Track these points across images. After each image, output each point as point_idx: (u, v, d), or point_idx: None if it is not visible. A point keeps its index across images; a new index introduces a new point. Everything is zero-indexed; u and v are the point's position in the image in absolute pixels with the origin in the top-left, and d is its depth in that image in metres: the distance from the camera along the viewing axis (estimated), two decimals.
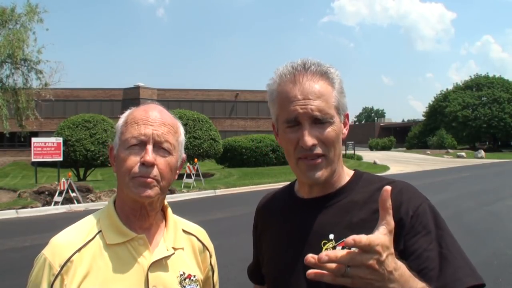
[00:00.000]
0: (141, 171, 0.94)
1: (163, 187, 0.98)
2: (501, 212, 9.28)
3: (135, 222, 1.00)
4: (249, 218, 1.13)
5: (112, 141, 1.09)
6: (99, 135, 17.50)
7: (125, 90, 39.07)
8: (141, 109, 1.01)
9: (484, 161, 30.12)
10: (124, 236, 0.98)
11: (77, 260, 0.93)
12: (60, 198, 11.02)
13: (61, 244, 0.95)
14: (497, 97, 45.28)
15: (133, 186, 0.94)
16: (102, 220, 1.01)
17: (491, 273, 4.96)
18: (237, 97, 41.13)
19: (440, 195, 12.26)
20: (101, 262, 0.94)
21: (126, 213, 1.00)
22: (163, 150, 0.97)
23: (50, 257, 0.94)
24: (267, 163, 22.15)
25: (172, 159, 0.99)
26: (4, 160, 32.25)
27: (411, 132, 52.26)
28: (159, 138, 0.96)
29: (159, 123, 0.98)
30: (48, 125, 32.95)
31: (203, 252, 1.12)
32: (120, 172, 0.98)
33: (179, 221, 1.11)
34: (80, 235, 0.98)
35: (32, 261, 1.01)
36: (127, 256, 0.96)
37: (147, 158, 0.93)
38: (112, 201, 1.04)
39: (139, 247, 0.98)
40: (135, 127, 0.97)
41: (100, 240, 0.97)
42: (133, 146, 0.96)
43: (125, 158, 0.95)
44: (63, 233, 1.00)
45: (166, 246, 1.02)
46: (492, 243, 6.57)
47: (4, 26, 16.32)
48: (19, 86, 17.08)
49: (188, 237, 1.10)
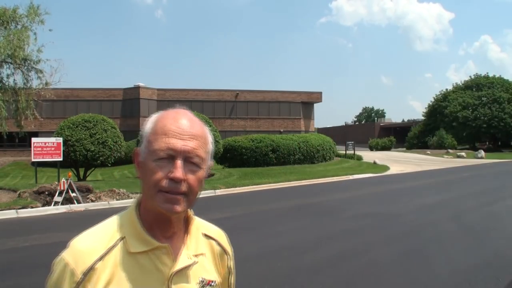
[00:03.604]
0: (170, 186, 0.91)
1: (191, 201, 0.95)
2: (501, 212, 9.28)
3: (158, 231, 0.98)
4: (249, 218, 1.13)
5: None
6: (99, 135, 17.49)
7: (125, 90, 39.06)
8: (170, 117, 0.96)
9: (484, 161, 30.12)
10: (147, 245, 0.95)
11: (100, 268, 0.91)
12: (60, 198, 11.02)
13: (84, 251, 0.92)
14: (497, 97, 45.25)
15: (160, 200, 0.91)
16: (125, 226, 0.98)
17: (491, 273, 4.96)
18: (237, 97, 41.13)
19: (440, 195, 12.26)
20: (123, 270, 0.92)
21: (150, 222, 0.98)
22: (192, 165, 0.93)
23: (72, 263, 0.91)
24: (267, 163, 22.15)
25: (202, 172, 0.96)
26: (4, 160, 32.25)
27: (411, 132, 52.23)
28: (189, 154, 0.92)
29: (190, 137, 0.93)
30: (48, 125, 32.98)
31: (222, 256, 1.11)
32: (146, 182, 0.94)
33: (200, 225, 1.09)
34: (102, 241, 0.95)
35: (32, 261, 1.01)
36: (149, 265, 0.95)
37: (176, 174, 0.90)
38: (135, 206, 1.01)
39: (162, 256, 0.96)
40: (164, 139, 0.92)
41: (122, 247, 0.95)
42: (162, 159, 0.92)
43: (153, 171, 0.92)
44: (85, 238, 0.96)
45: (188, 255, 1.00)
46: (492, 243, 6.57)
47: (5, 26, 16.32)
48: (19, 86, 17.07)
49: (209, 241, 1.09)
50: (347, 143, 32.53)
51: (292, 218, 8.95)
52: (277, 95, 42.48)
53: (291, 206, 10.26)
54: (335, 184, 16.62)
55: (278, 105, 42.05)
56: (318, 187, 15.64)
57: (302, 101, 42.98)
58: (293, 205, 10.47)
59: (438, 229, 7.63)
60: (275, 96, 42.34)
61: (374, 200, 11.68)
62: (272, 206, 11.03)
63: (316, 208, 10.36)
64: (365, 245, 6.50)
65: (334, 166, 23.33)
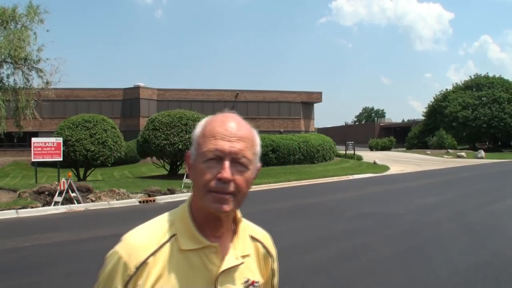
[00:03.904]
0: (218, 186, 0.94)
1: (239, 201, 0.98)
2: (501, 212, 9.28)
3: (208, 230, 1.01)
4: (248, 218, 1.13)
5: (186, 147, 1.10)
6: (99, 135, 17.48)
7: (125, 90, 39.05)
8: (218, 121, 1.00)
9: (484, 161, 30.13)
10: (198, 243, 0.99)
11: (151, 263, 0.95)
12: (60, 198, 11.02)
13: (137, 246, 0.96)
14: (497, 97, 45.22)
15: (209, 200, 0.95)
16: (177, 223, 1.02)
17: (492, 273, 4.96)
18: (237, 97, 41.14)
19: (440, 195, 12.26)
20: (173, 266, 0.96)
21: (200, 221, 1.01)
22: (240, 165, 0.96)
23: (125, 257, 0.95)
24: (267, 163, 22.15)
25: (249, 173, 0.99)
26: (4, 160, 32.25)
27: (411, 132, 52.21)
28: (237, 155, 0.96)
29: (237, 139, 0.97)
30: (48, 125, 32.99)
31: (266, 258, 1.14)
32: (196, 183, 0.98)
33: (247, 227, 1.12)
34: (155, 237, 0.98)
35: (32, 261, 1.01)
36: (198, 263, 0.98)
37: (224, 175, 0.93)
38: (187, 205, 1.04)
39: (211, 254, 0.99)
40: (212, 141, 0.96)
41: (174, 244, 0.98)
42: (210, 160, 0.95)
43: (202, 172, 0.96)
44: (138, 233, 0.99)
45: (235, 255, 1.03)
46: (492, 243, 6.57)
47: (5, 26, 16.30)
48: (20, 86, 17.05)
49: (255, 243, 1.12)
50: (347, 143, 32.53)
51: (292, 218, 8.95)
52: (277, 95, 42.49)
53: (291, 206, 10.26)
54: (335, 184, 16.62)
55: (278, 105, 42.06)
56: (318, 187, 15.64)
57: (302, 101, 42.98)
58: (293, 205, 10.47)
59: (438, 229, 7.63)
60: (275, 96, 42.35)
61: (374, 200, 11.68)
62: (272, 206, 11.02)
63: (316, 208, 10.36)
64: (365, 245, 6.50)
65: (334, 166, 23.33)
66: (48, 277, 5.11)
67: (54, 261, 5.81)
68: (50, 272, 5.32)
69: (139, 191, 13.26)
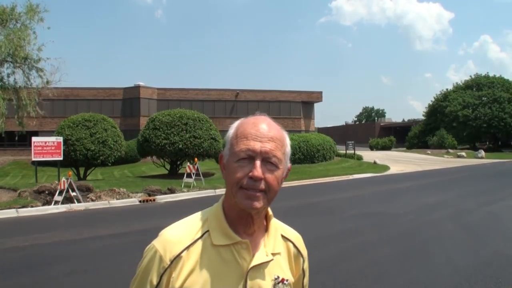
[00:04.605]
0: (249, 184, 1.00)
1: (270, 199, 1.04)
2: (501, 212, 9.28)
3: (240, 227, 1.06)
4: None
5: (220, 148, 1.13)
6: (100, 135, 17.48)
7: (125, 89, 39.04)
8: (250, 122, 1.06)
9: (484, 161, 30.13)
10: (230, 239, 1.04)
11: (185, 256, 1.01)
12: (60, 197, 11.02)
13: (172, 240, 1.03)
14: (497, 97, 45.19)
15: (241, 197, 1.01)
16: (210, 220, 1.08)
17: (491, 273, 4.96)
18: (237, 97, 41.13)
19: (440, 195, 12.26)
20: (206, 260, 1.02)
21: (233, 218, 1.07)
22: (270, 164, 1.02)
23: (161, 250, 1.01)
24: None
25: (279, 172, 1.04)
26: (4, 159, 32.26)
27: (411, 132, 52.17)
28: (267, 154, 1.01)
29: (268, 139, 1.03)
30: (48, 124, 33.00)
31: (297, 258, 1.18)
32: (229, 181, 1.04)
33: (279, 226, 1.17)
34: (189, 232, 1.05)
35: (32, 260, 1.02)
36: (230, 258, 1.03)
37: (255, 173, 0.99)
38: (221, 203, 1.10)
39: (242, 250, 1.04)
40: (244, 141, 1.02)
41: (207, 239, 1.04)
42: (243, 159, 1.01)
43: (235, 170, 1.01)
44: (174, 229, 1.06)
45: (266, 252, 1.08)
46: (492, 243, 6.57)
47: (4, 25, 16.29)
48: (20, 85, 17.05)
49: (286, 242, 1.16)
50: (347, 142, 32.52)
51: (292, 218, 8.94)
52: (277, 94, 42.49)
53: (291, 205, 10.26)
54: (335, 184, 16.62)
55: (278, 105, 42.05)
56: (318, 186, 15.64)
57: (302, 101, 42.98)
58: (293, 204, 10.47)
59: (438, 228, 7.63)
60: (275, 96, 42.35)
61: (374, 200, 11.68)
62: (272, 205, 11.00)
63: (316, 207, 10.36)
64: (365, 245, 6.50)
65: (334, 166, 23.33)
66: (48, 276, 5.11)
67: (54, 260, 5.81)
68: (50, 271, 5.32)
69: (139, 190, 13.26)
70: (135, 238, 7.02)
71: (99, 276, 5.14)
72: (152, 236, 1.07)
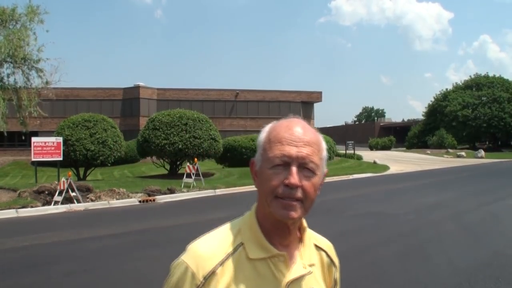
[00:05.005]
0: (285, 192, 0.92)
1: (307, 208, 0.96)
2: (501, 212, 9.28)
3: (276, 238, 0.99)
4: None
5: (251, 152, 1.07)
6: (99, 135, 17.48)
7: (125, 89, 39.05)
8: (283, 126, 0.99)
9: (484, 161, 30.14)
10: (266, 252, 0.97)
11: (220, 273, 0.93)
12: (60, 197, 11.02)
13: (204, 255, 0.94)
14: (497, 96, 45.24)
15: (276, 207, 0.93)
16: (243, 231, 1.00)
17: (491, 273, 4.96)
18: (237, 97, 41.14)
19: (439, 195, 12.27)
20: (242, 276, 0.94)
21: (267, 229, 0.99)
22: (307, 171, 0.94)
23: (193, 266, 0.93)
24: None
25: (316, 178, 0.96)
26: (4, 159, 32.26)
27: (411, 132, 52.22)
28: (304, 160, 0.94)
29: (304, 143, 0.95)
30: (48, 125, 32.97)
31: (330, 267, 1.12)
32: (263, 189, 0.96)
33: (311, 236, 1.10)
34: (222, 246, 0.96)
35: (32, 261, 1.01)
36: (267, 272, 0.96)
37: (292, 180, 0.91)
38: (253, 213, 1.03)
39: (279, 263, 0.97)
40: (278, 146, 0.95)
41: (241, 253, 0.96)
42: (277, 166, 0.94)
43: (269, 178, 0.94)
44: (204, 243, 0.97)
45: (302, 264, 1.01)
46: (492, 243, 6.57)
47: (4, 26, 16.29)
48: (20, 85, 17.04)
49: (319, 252, 1.10)
50: (347, 142, 32.54)
51: None
52: (277, 94, 42.51)
53: None
54: (335, 184, 16.62)
55: (278, 105, 42.06)
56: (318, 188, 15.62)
57: (302, 101, 43.00)
58: None
59: (438, 228, 7.63)
60: (275, 96, 42.37)
61: (374, 200, 11.68)
62: None
63: (316, 207, 10.28)
64: (365, 245, 6.50)
65: (334, 166, 23.34)
66: (48, 277, 5.11)
67: (54, 261, 5.81)
68: (50, 271, 5.32)
69: (139, 190, 13.26)
70: (134, 238, 7.02)
71: (98, 276, 5.14)
72: (152, 236, 1.07)
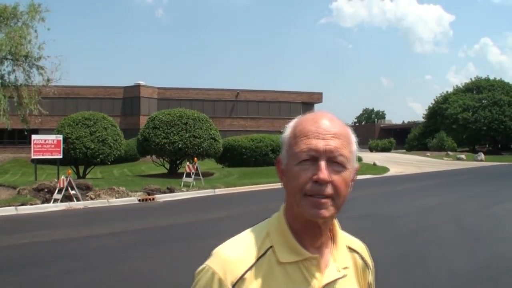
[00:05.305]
0: (314, 189, 0.86)
1: (339, 205, 0.90)
2: (500, 215, 9.28)
3: (307, 240, 0.94)
4: (248, 218, 1.13)
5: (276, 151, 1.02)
6: (99, 133, 17.49)
7: (125, 88, 39.06)
8: (309, 119, 0.93)
9: (483, 164, 30.12)
10: (298, 255, 0.91)
11: (249, 278, 0.87)
12: (59, 195, 11.02)
13: (232, 260, 0.89)
14: (498, 99, 45.23)
15: (306, 205, 0.87)
16: (272, 234, 0.94)
17: (490, 276, 4.96)
18: (237, 97, 41.14)
19: (439, 197, 12.26)
20: (272, 281, 0.89)
21: (297, 230, 0.94)
22: (337, 165, 0.88)
23: (220, 272, 0.87)
24: (267, 163, 22.13)
25: (347, 173, 0.90)
26: (4, 157, 32.26)
27: (411, 134, 52.21)
28: (332, 153, 0.87)
29: (331, 136, 0.89)
30: (48, 123, 32.94)
31: (364, 270, 1.08)
32: (290, 188, 0.91)
33: (344, 237, 1.05)
34: (250, 250, 0.91)
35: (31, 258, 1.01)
36: (298, 276, 0.90)
37: (321, 175, 0.85)
38: (282, 214, 0.97)
39: (311, 267, 0.91)
40: (304, 140, 0.89)
41: (271, 257, 0.91)
42: (304, 161, 0.88)
43: (296, 175, 0.88)
44: (231, 247, 0.92)
45: (337, 267, 0.96)
46: (491, 246, 6.56)
47: (5, 23, 16.30)
48: (21, 83, 17.05)
49: (352, 254, 1.05)
50: None
51: None
52: (277, 95, 42.50)
53: None
54: None
55: (278, 105, 42.07)
56: None
57: (303, 102, 43.00)
58: None
59: (437, 231, 7.63)
60: (276, 96, 42.36)
61: (373, 202, 11.68)
62: (272, 206, 10.94)
63: None
64: None
65: None
66: (47, 274, 5.11)
67: (53, 259, 5.81)
68: (49, 269, 5.32)
69: (139, 189, 13.26)
70: (133, 237, 7.02)
71: (97, 275, 5.14)
72: (151, 235, 1.06)
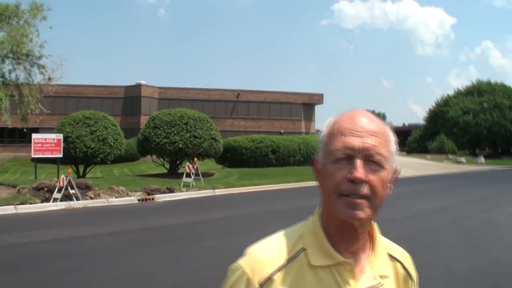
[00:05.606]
0: (350, 188, 0.83)
1: (376, 207, 0.85)
2: (500, 219, 9.28)
3: (342, 244, 0.90)
4: (247, 219, 1.13)
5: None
6: (100, 133, 17.49)
7: (126, 88, 39.06)
8: (346, 117, 0.90)
9: (483, 168, 30.12)
10: (330, 259, 0.88)
11: (277, 279, 0.86)
12: (59, 194, 11.02)
13: (262, 259, 0.88)
14: (499, 103, 45.24)
15: (341, 206, 0.84)
16: (306, 236, 0.92)
17: (490, 280, 4.95)
18: (238, 97, 41.12)
19: (438, 201, 12.26)
20: (302, 284, 0.87)
21: (332, 233, 0.90)
22: (374, 164, 0.85)
23: (249, 271, 0.86)
24: (267, 164, 22.14)
25: (385, 173, 0.86)
26: (4, 155, 32.27)
27: (412, 136, 52.22)
28: (369, 151, 0.84)
29: (368, 133, 0.86)
30: (48, 121, 32.91)
31: (406, 281, 1.01)
32: (325, 188, 0.88)
33: (385, 244, 1.00)
34: (282, 251, 0.90)
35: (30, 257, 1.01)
36: (330, 281, 0.87)
37: (356, 174, 0.82)
38: (317, 216, 0.95)
39: (345, 272, 0.88)
40: (340, 138, 0.86)
41: (303, 259, 0.89)
42: (340, 159, 0.85)
43: (331, 174, 0.85)
44: (264, 247, 0.91)
45: (373, 274, 0.91)
46: (491, 250, 6.56)
47: (7, 22, 16.31)
48: (22, 81, 17.06)
49: (393, 263, 0.99)
50: None
51: (291, 219, 8.92)
52: (278, 96, 42.48)
53: (290, 207, 10.25)
54: None
55: (279, 106, 42.05)
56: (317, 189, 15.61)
57: (303, 103, 42.97)
58: (292, 206, 10.46)
59: (436, 235, 7.63)
60: (276, 97, 42.34)
61: None
62: (271, 207, 11.02)
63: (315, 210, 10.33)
64: None
65: None
66: (46, 274, 5.11)
67: (52, 258, 5.81)
68: (48, 268, 5.32)
69: (138, 189, 13.26)
70: (133, 237, 7.02)
71: (96, 274, 5.14)
72: (150, 235, 1.06)
